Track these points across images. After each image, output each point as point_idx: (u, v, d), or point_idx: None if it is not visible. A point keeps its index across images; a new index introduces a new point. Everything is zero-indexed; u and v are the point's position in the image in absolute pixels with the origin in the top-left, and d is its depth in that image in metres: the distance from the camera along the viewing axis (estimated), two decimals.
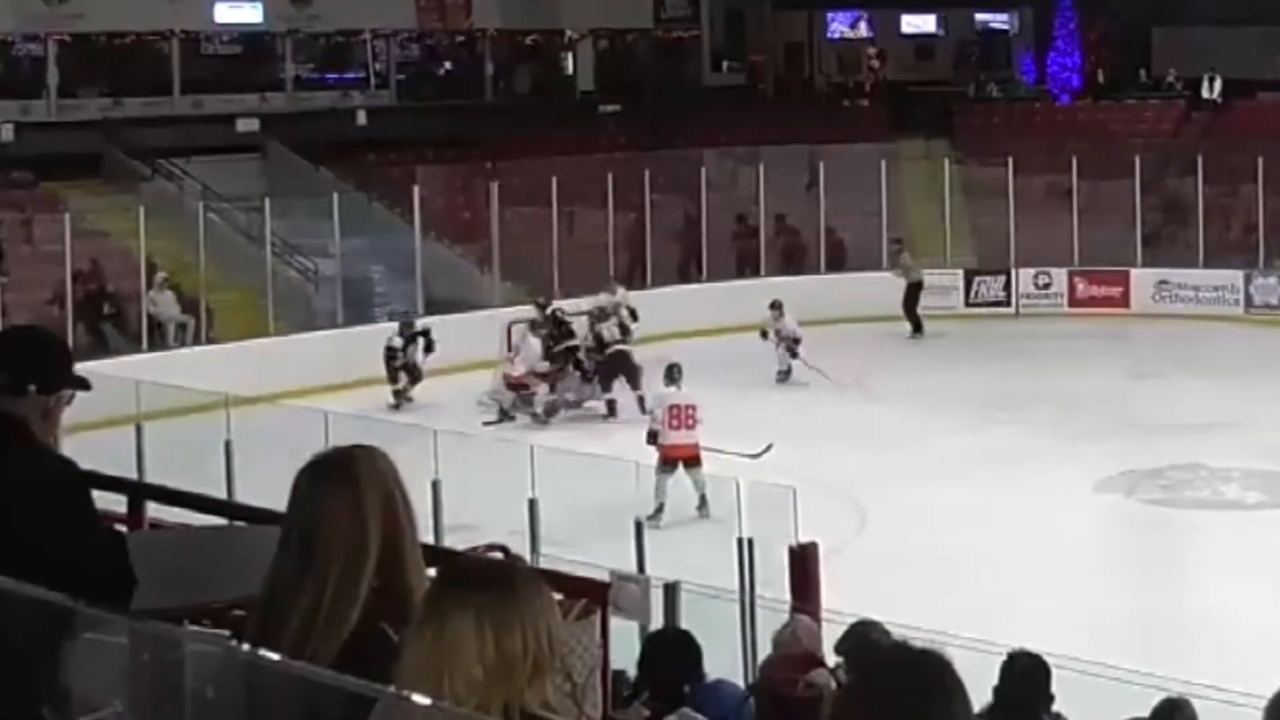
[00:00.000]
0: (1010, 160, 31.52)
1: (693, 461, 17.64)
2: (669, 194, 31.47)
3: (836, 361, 24.44)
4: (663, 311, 26.53)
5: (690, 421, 17.86)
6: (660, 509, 17.08)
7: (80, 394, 4.04)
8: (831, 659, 8.35)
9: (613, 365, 23.53)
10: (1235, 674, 10.73)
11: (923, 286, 29.42)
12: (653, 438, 18.11)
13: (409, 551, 3.37)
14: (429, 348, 24.09)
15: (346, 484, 3.34)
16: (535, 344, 23.48)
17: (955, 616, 9.93)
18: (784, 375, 25.38)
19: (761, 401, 23.29)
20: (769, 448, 17.98)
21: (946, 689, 2.66)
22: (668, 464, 17.57)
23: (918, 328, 28.99)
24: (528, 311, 25.07)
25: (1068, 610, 14.41)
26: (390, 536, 3.34)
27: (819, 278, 30.24)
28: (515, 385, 23.07)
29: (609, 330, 23.98)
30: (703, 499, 17.21)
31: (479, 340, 24.22)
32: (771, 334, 25.64)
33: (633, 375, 23.06)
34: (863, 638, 7.74)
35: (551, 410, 23.03)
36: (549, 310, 24.41)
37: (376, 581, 3.31)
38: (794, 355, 25.36)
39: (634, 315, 24.60)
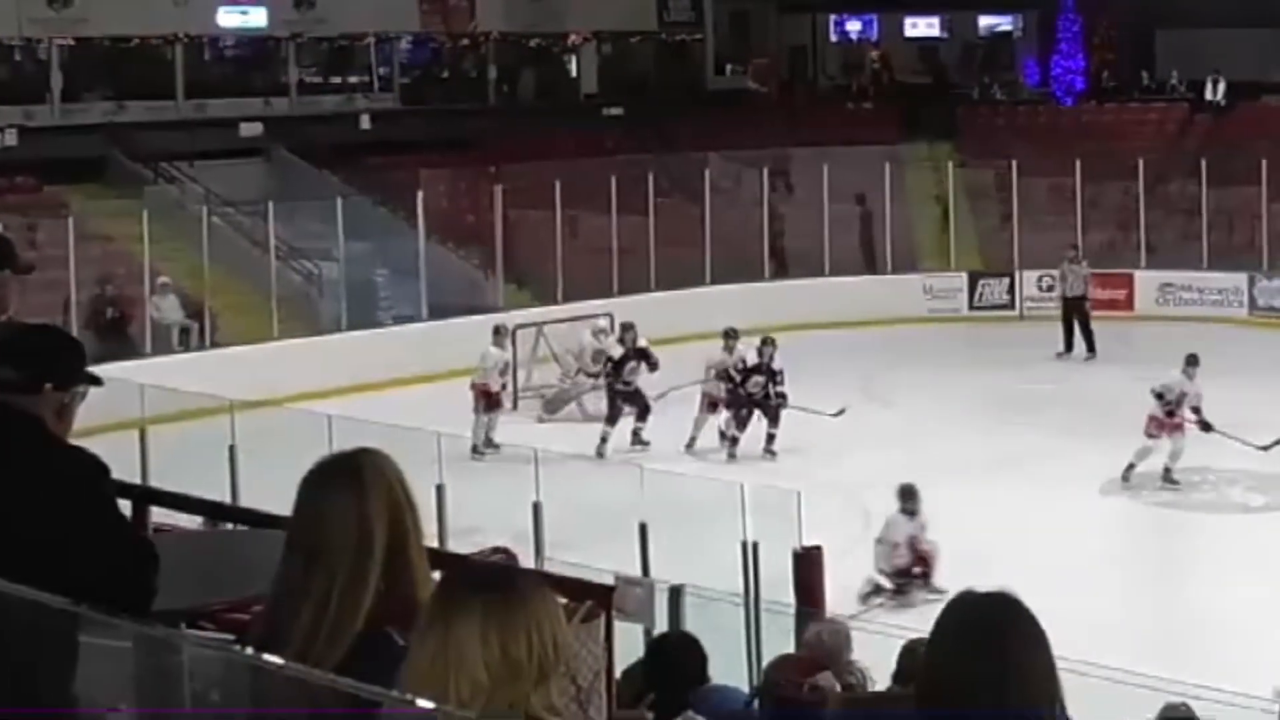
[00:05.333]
0: (1014, 163, 31.51)
1: None
2: (672, 197, 31.45)
3: (844, 364, 24.38)
4: (667, 315, 26.50)
5: None
6: None
7: (85, 399, 4.03)
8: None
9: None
10: (1240, 676, 10.74)
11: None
12: None
13: (414, 555, 3.37)
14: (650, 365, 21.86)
15: (351, 488, 3.34)
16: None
17: None
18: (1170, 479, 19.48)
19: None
20: None
21: (1021, 620, 2.95)
22: None
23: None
24: (532, 315, 25.11)
25: (1072, 611, 14.34)
26: (395, 540, 3.34)
27: (827, 280, 30.18)
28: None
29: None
30: None
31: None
32: (1175, 398, 19.51)
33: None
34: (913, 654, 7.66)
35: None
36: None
37: (382, 585, 3.30)
38: (1207, 428, 19.45)
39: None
